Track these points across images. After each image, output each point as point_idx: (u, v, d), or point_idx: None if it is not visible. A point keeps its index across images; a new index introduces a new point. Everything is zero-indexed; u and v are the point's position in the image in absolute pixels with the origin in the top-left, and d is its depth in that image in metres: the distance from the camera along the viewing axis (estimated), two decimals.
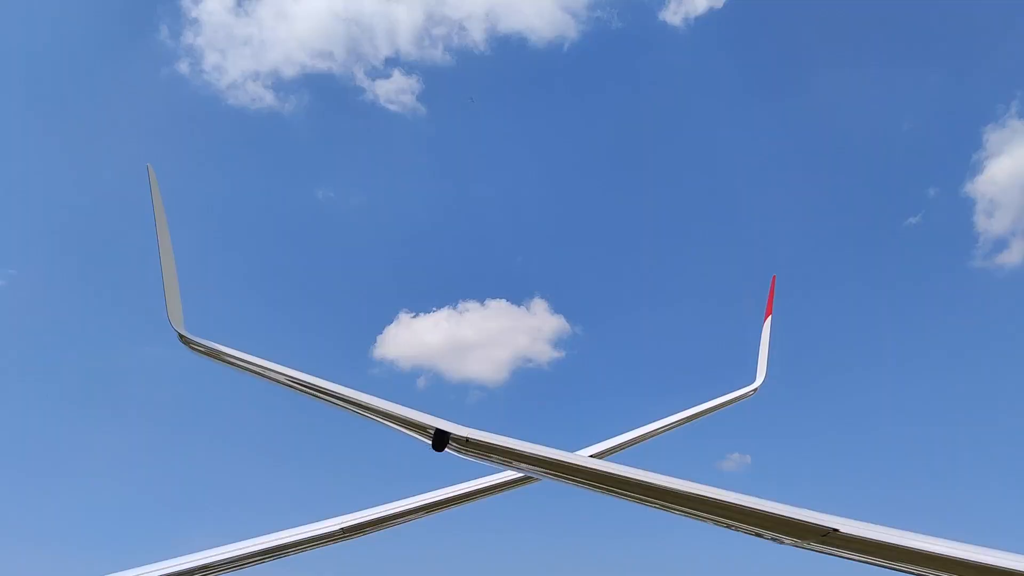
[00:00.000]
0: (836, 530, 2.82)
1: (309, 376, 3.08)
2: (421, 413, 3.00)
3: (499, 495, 4.52)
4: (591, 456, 3.55)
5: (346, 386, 3.20)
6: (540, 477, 3.31)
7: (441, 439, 2.89)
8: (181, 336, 3.16)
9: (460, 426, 2.95)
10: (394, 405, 3.07)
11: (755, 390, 5.31)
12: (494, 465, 3.07)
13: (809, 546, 3.04)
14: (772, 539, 3.10)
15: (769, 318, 5.70)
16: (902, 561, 2.99)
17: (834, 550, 3.07)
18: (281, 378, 3.05)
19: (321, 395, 3.04)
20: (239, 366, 3.07)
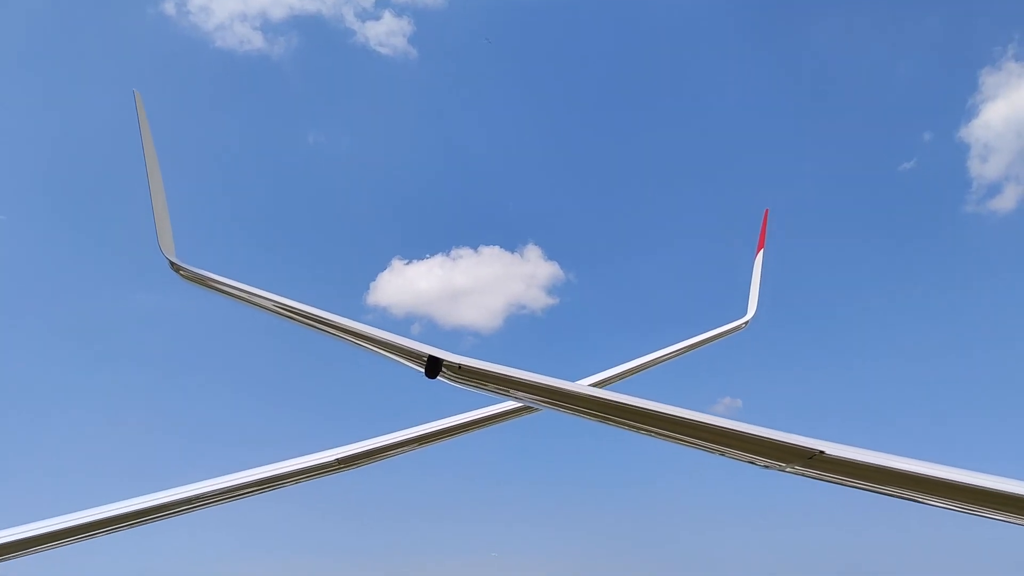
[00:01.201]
0: (822, 452, 2.79)
1: (301, 304, 3.01)
2: (414, 341, 2.94)
3: (495, 426, 4.49)
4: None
5: (339, 315, 3.14)
6: (534, 406, 3.27)
7: (434, 366, 2.83)
8: (172, 263, 3.09)
9: (453, 354, 2.89)
10: (387, 333, 3.01)
11: (746, 323, 5.26)
12: (489, 394, 3.02)
13: (795, 470, 3.01)
14: (764, 465, 3.06)
15: (761, 252, 5.63)
16: (888, 484, 2.96)
17: (820, 473, 3.03)
18: (273, 306, 2.99)
19: (313, 323, 2.98)
20: (230, 293, 3.00)
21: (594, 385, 5.22)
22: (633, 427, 3.06)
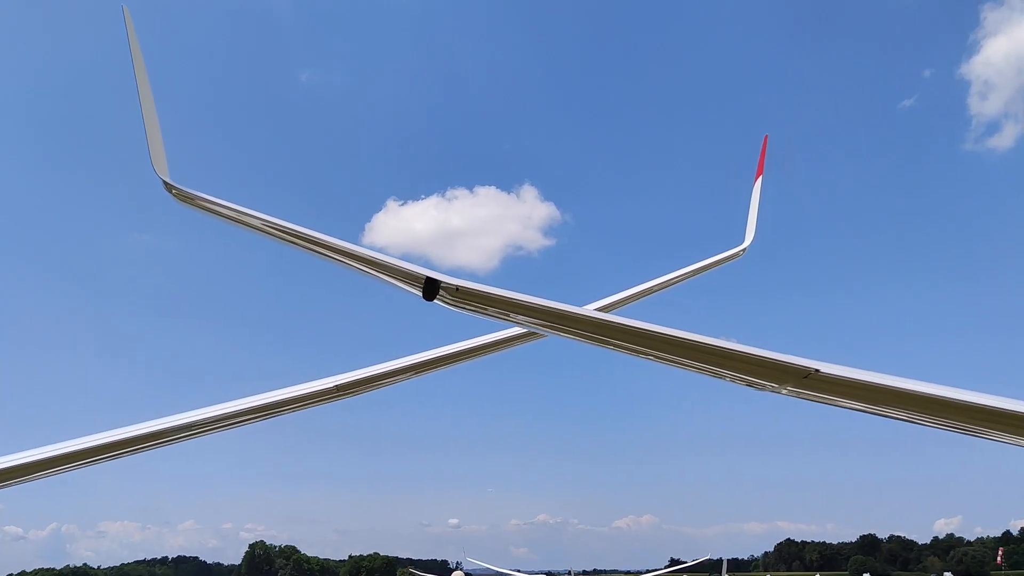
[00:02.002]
0: (817, 371, 2.78)
1: (295, 224, 2.97)
2: (411, 263, 2.90)
3: (493, 354, 4.48)
4: None
5: (335, 236, 3.10)
6: (534, 330, 3.25)
7: (432, 288, 2.80)
8: (165, 183, 3.02)
9: (451, 276, 2.86)
10: (384, 255, 2.97)
11: (743, 250, 5.18)
12: (487, 318, 2.99)
13: (790, 391, 3.01)
14: (759, 387, 3.06)
15: (760, 178, 5.52)
16: (883, 403, 2.97)
17: (814, 394, 3.04)
18: (266, 226, 2.93)
19: (308, 245, 2.93)
20: (223, 214, 2.93)
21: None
22: (634, 350, 3.05)
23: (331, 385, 4.04)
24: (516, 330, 4.13)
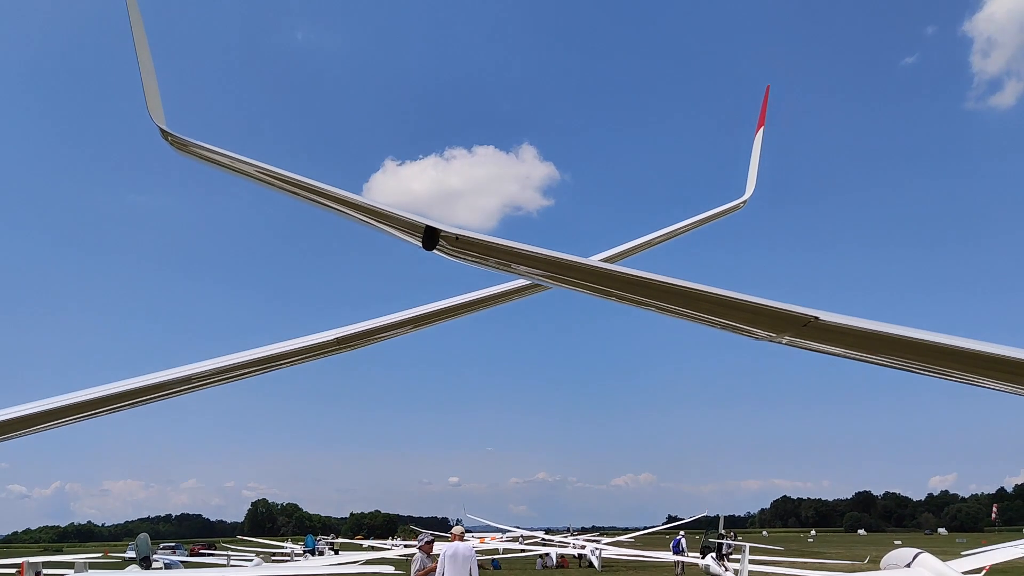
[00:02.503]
0: (817, 318, 2.76)
1: (291, 172, 2.92)
2: (411, 212, 2.87)
3: (495, 307, 4.46)
4: None
5: (332, 184, 3.06)
6: (535, 281, 3.22)
7: (431, 237, 2.76)
8: (161, 131, 2.96)
9: (452, 226, 2.83)
10: (383, 204, 2.94)
11: (744, 203, 5.08)
12: (488, 269, 2.96)
13: (789, 340, 2.98)
14: (758, 337, 3.05)
15: (761, 130, 5.39)
16: (884, 351, 2.95)
17: (814, 343, 3.01)
18: (260, 173, 2.88)
19: (304, 193, 2.89)
20: (220, 162, 2.87)
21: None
22: (637, 300, 3.03)
23: (331, 338, 4.03)
24: (519, 282, 4.11)
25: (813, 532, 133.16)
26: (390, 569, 30.77)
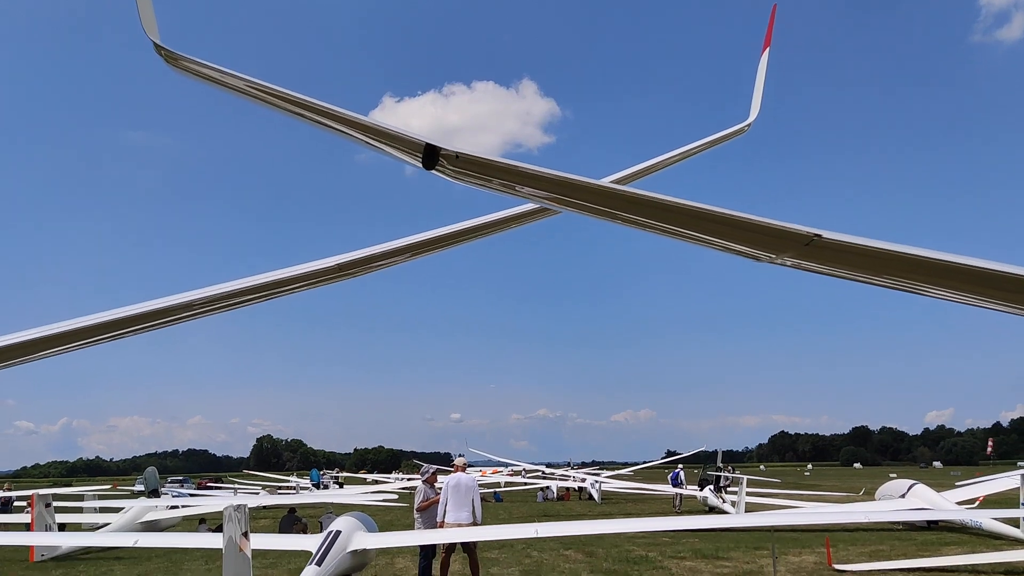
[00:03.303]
0: (820, 236, 2.69)
1: (290, 90, 2.83)
2: (410, 130, 2.79)
3: (497, 234, 4.39)
4: None
5: (329, 102, 2.97)
6: (539, 203, 3.15)
7: (431, 155, 2.69)
8: (155, 45, 2.85)
9: (452, 146, 2.75)
10: (381, 122, 2.86)
11: (748, 126, 4.93)
12: (490, 191, 2.89)
13: (790, 260, 2.92)
14: (757, 257, 2.99)
15: (767, 50, 5.20)
16: (888, 271, 2.89)
17: (816, 264, 2.95)
18: (260, 92, 2.80)
19: (303, 111, 2.81)
20: (214, 78, 2.78)
21: None
22: (641, 222, 2.98)
23: (332, 264, 3.97)
24: (523, 207, 4.04)
25: (810, 466, 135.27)
26: (394, 496, 31.42)
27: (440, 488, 13.32)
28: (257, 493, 30.95)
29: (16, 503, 30.27)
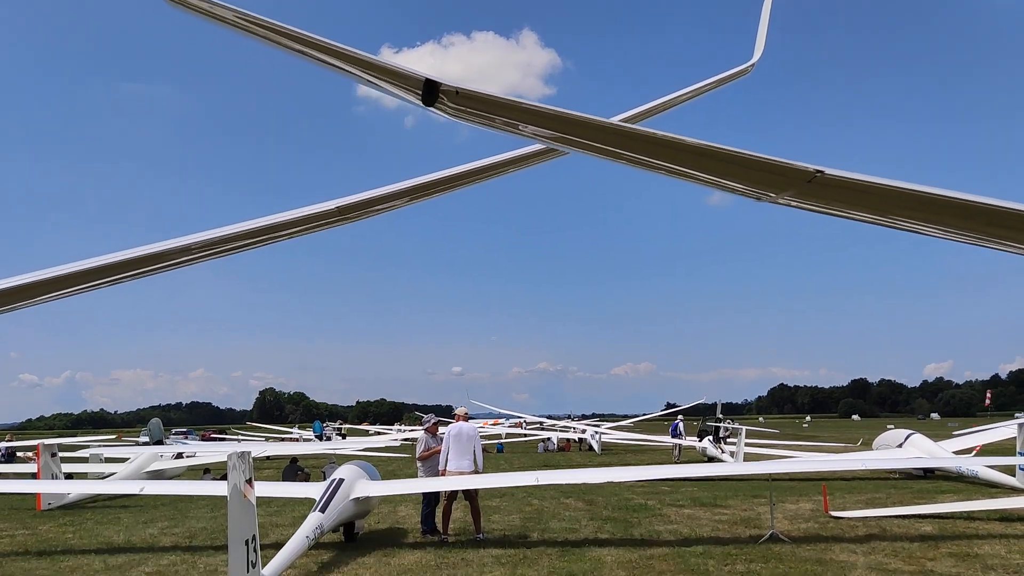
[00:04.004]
0: (821, 172, 2.62)
1: (286, 24, 2.76)
2: (408, 66, 2.72)
3: (502, 176, 4.31)
4: None
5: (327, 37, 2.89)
6: (544, 143, 3.08)
7: (431, 91, 2.62)
8: None
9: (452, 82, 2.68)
10: (378, 58, 2.79)
11: (752, 66, 4.80)
12: (493, 130, 2.83)
13: (790, 198, 2.85)
14: (757, 196, 2.93)
15: None
16: (893, 209, 2.83)
17: (817, 203, 2.88)
18: (254, 26, 2.73)
19: (300, 46, 2.74)
20: (212, 13, 2.71)
21: None
22: (645, 162, 2.93)
23: (332, 207, 3.91)
24: (527, 149, 3.98)
25: (808, 418, 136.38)
26: (396, 443, 31.71)
27: (442, 437, 13.43)
28: (263, 449, 31.22)
29: (19, 454, 30.53)
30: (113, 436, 50.92)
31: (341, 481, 11.51)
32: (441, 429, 13.92)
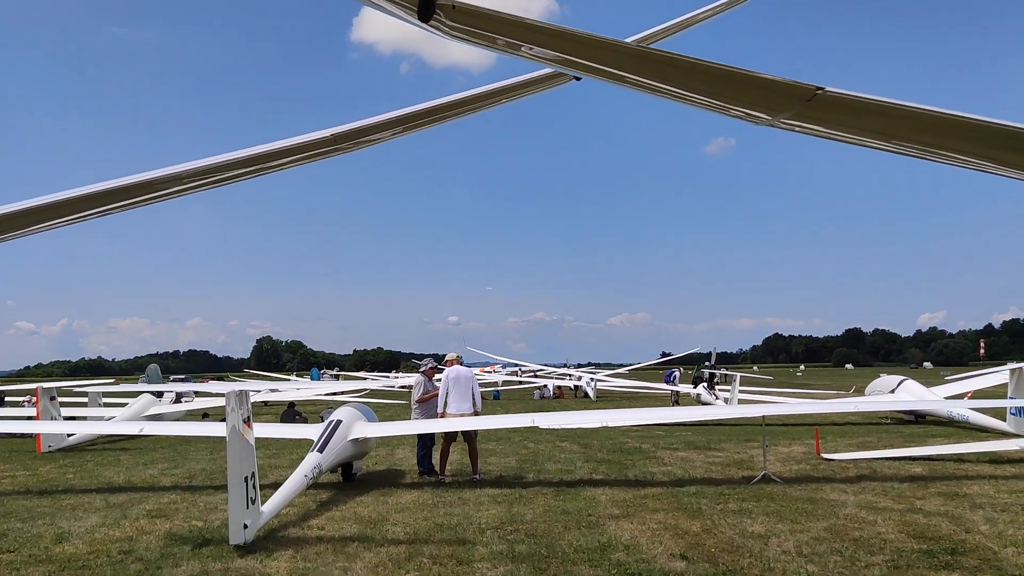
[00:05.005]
0: (822, 89, 2.56)
1: None
2: None
3: (505, 104, 4.22)
4: None
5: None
6: (548, 64, 3.00)
7: (427, 6, 2.53)
8: None
9: None
10: None
11: None
12: (495, 51, 2.75)
13: (789, 119, 2.79)
14: (756, 119, 2.88)
15: None
16: (896, 130, 2.78)
17: (815, 125, 2.83)
18: None
19: None
20: None
21: None
22: (646, 84, 2.87)
23: (327, 135, 3.85)
24: (528, 75, 3.89)
25: (802, 367, 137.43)
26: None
27: (438, 382, 13.51)
28: (259, 391, 31.43)
29: (8, 399, 29.59)
30: (111, 380, 51.14)
31: (339, 422, 11.60)
32: (437, 376, 13.99)
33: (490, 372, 55.62)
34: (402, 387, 35.85)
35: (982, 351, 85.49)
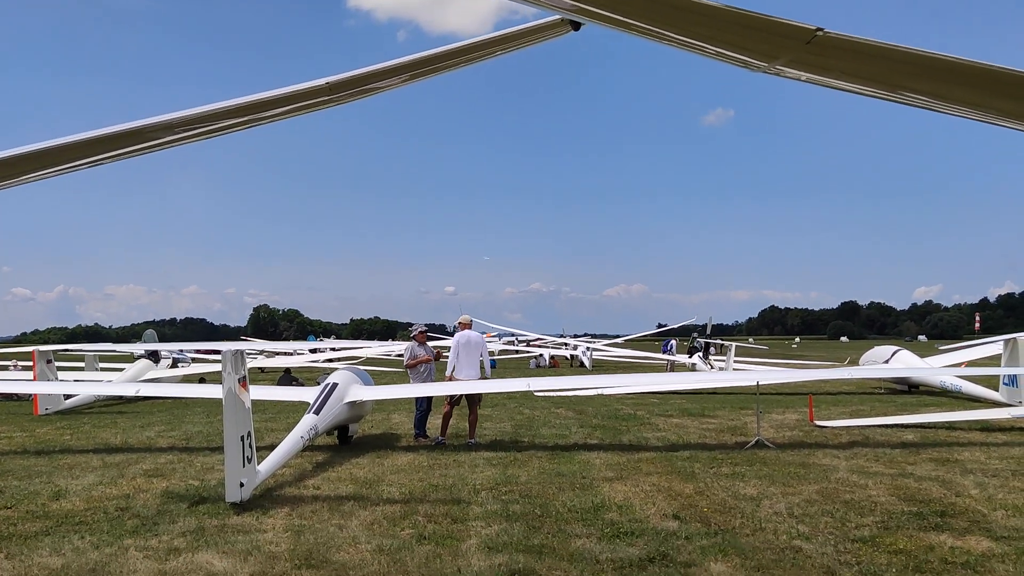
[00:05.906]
0: (822, 30, 2.47)
1: None
2: None
3: (512, 52, 4.12)
4: None
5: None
6: (550, 7, 2.93)
7: None
8: None
9: None
10: None
11: None
12: None
13: (787, 64, 2.71)
14: (755, 66, 2.80)
15: None
16: (897, 77, 2.71)
17: (815, 72, 2.74)
18: None
19: None
20: None
21: None
22: (637, 27, 2.80)
23: (322, 84, 3.78)
24: (527, 25, 3.83)
25: (797, 339, 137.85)
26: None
27: (429, 347, 13.53)
28: (256, 357, 31.51)
29: None
30: (109, 344, 51.14)
31: (335, 385, 11.64)
32: (431, 343, 13.95)
33: (486, 340, 55.57)
34: (398, 355, 35.91)
35: (977, 325, 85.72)
